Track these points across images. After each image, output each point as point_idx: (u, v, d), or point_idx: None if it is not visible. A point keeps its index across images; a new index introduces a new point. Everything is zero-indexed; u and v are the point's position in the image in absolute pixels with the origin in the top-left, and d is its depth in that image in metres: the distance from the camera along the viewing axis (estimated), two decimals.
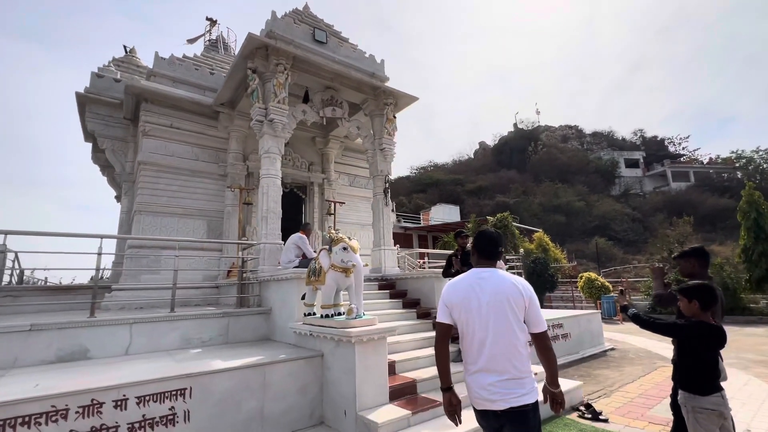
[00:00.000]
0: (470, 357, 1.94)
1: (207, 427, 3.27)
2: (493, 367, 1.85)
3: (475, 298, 1.92)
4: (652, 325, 2.46)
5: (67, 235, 4.39)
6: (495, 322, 1.87)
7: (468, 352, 1.96)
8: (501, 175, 45.32)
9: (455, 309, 1.97)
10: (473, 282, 1.97)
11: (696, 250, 2.93)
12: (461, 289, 1.99)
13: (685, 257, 2.93)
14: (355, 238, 10.25)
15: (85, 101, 8.66)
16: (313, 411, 3.89)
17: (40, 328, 3.95)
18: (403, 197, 45.85)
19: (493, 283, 1.93)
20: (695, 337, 2.28)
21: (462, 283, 2.02)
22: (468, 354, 1.96)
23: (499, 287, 1.91)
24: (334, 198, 9.98)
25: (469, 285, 1.97)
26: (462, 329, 1.97)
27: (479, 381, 1.87)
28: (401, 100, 8.46)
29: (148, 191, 7.69)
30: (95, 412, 2.85)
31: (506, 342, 1.85)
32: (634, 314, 2.57)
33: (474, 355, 1.91)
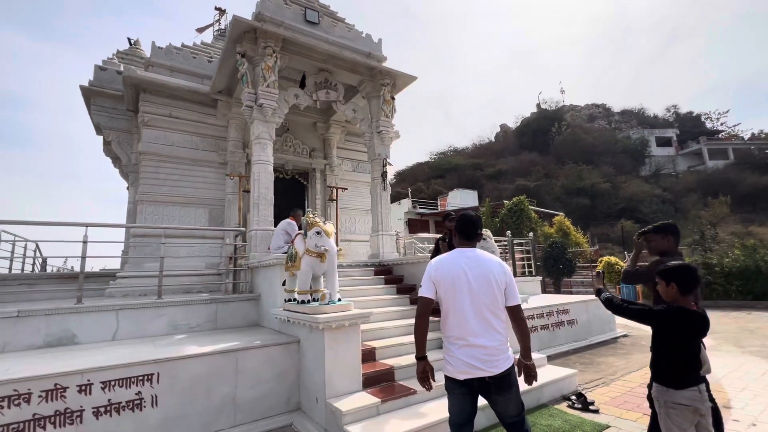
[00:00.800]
0: (456, 330, 2.08)
1: (176, 413, 3.28)
2: (482, 337, 2.02)
3: (463, 274, 2.08)
4: (624, 310, 2.21)
5: (49, 224, 4.48)
6: (483, 296, 2.05)
7: (454, 326, 2.09)
8: (522, 158, 43.88)
9: (442, 284, 2.11)
10: (460, 260, 2.14)
11: (670, 226, 2.70)
12: (449, 265, 2.14)
13: (662, 233, 2.68)
14: (356, 223, 10.19)
15: (90, 94, 8.83)
16: (290, 397, 3.85)
17: (27, 315, 4.06)
18: (421, 183, 45.34)
19: (478, 261, 2.14)
20: (673, 324, 2.02)
21: (449, 260, 2.17)
22: (454, 328, 2.09)
23: (484, 265, 2.12)
24: (336, 184, 9.87)
25: (456, 262, 2.14)
26: (447, 304, 2.11)
27: (468, 352, 2.03)
28: (399, 80, 8.16)
29: (150, 181, 7.81)
30: (59, 396, 2.88)
31: (492, 314, 2.06)
32: (606, 298, 2.33)
33: (461, 328, 2.06)
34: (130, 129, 9.13)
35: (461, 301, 2.06)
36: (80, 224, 4.55)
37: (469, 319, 2.04)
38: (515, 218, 17.98)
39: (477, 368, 2.01)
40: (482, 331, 2.03)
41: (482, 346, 2.01)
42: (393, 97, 8.25)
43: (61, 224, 4.55)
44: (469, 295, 2.06)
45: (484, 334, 2.03)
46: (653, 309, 2.09)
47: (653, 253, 2.72)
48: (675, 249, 2.63)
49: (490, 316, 2.06)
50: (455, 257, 2.17)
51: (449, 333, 2.12)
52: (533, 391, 3.90)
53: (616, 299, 2.28)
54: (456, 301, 2.07)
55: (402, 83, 8.31)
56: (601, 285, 2.48)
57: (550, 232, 19.02)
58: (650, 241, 2.72)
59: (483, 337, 2.03)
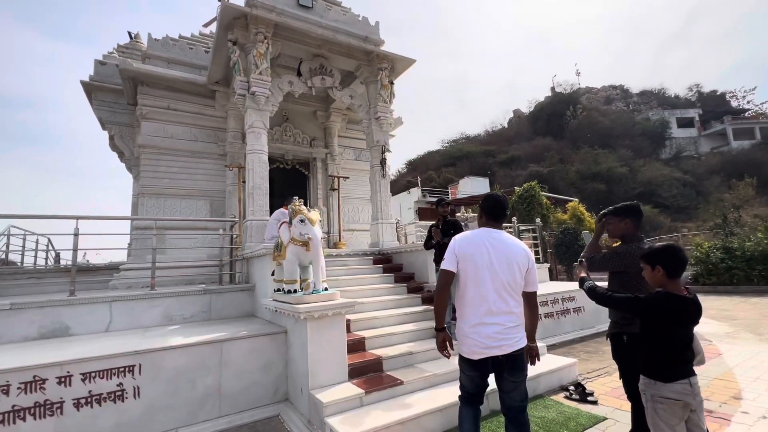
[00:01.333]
0: (473, 308, 2.10)
1: (159, 404, 3.25)
2: (498, 315, 2.05)
3: (486, 253, 2.10)
4: (608, 300, 2.04)
5: (37, 217, 4.51)
6: (503, 275, 2.07)
7: (471, 303, 2.11)
8: (535, 144, 42.80)
9: (465, 260, 2.12)
10: (486, 239, 2.15)
11: (630, 207, 2.46)
12: (474, 243, 2.15)
13: (618, 215, 2.44)
14: (360, 212, 10.06)
15: (91, 89, 8.88)
16: (278, 388, 3.79)
17: (20, 307, 4.10)
18: (432, 172, 44.84)
19: (504, 243, 2.16)
20: (661, 312, 1.83)
21: (475, 237, 2.18)
22: (470, 305, 2.11)
23: (509, 248, 2.15)
24: (338, 173, 9.75)
25: (482, 241, 2.14)
26: (467, 278, 2.11)
27: (484, 331, 2.05)
28: (398, 63, 7.91)
29: (150, 174, 7.83)
30: (38, 388, 2.88)
31: (509, 294, 2.09)
32: (589, 287, 2.15)
33: (478, 306, 2.08)
34: (132, 123, 9.16)
35: (481, 277, 2.07)
36: (71, 217, 4.56)
37: (488, 296, 2.06)
38: (526, 205, 17.56)
39: (491, 347, 2.03)
40: (499, 308, 2.06)
41: (498, 324, 2.04)
42: (392, 81, 8.03)
43: (50, 217, 4.59)
44: (489, 271, 2.07)
45: (501, 312, 2.06)
46: (639, 297, 1.90)
47: (612, 237, 2.53)
48: (634, 233, 2.40)
49: (507, 296, 2.08)
50: (481, 235, 2.19)
51: (465, 310, 2.14)
52: (530, 381, 3.70)
53: (599, 289, 2.10)
54: (476, 277, 2.08)
55: (401, 67, 8.06)
56: (584, 273, 2.29)
57: (563, 219, 18.54)
58: (608, 224, 2.49)
59: (499, 315, 2.05)
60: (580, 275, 2.30)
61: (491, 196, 2.31)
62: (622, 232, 2.43)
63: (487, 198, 2.32)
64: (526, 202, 17.63)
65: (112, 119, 9.07)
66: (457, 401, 2.32)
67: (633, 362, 2.08)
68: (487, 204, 2.29)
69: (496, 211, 2.26)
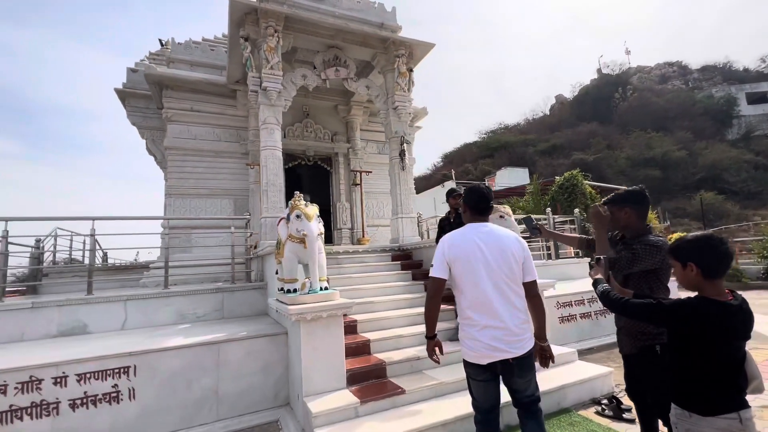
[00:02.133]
0: (476, 309, 1.96)
1: (154, 406, 3.19)
2: (504, 315, 1.91)
3: (479, 251, 1.97)
4: (623, 307, 1.61)
5: (60, 218, 4.65)
6: (501, 270, 1.94)
7: (473, 304, 1.97)
8: (579, 130, 40.15)
9: (457, 263, 1.99)
10: (474, 236, 2.02)
11: (631, 193, 2.14)
12: (462, 242, 2.02)
13: (617, 203, 2.12)
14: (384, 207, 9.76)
15: (125, 96, 9.29)
16: (278, 392, 3.63)
17: (41, 306, 4.26)
18: (468, 164, 43.58)
19: (495, 236, 2.02)
20: (696, 324, 1.39)
21: (462, 237, 2.05)
22: (472, 306, 1.97)
23: (501, 239, 2.01)
24: (360, 168, 9.53)
25: (470, 239, 2.01)
26: (463, 282, 1.99)
27: (491, 333, 1.90)
28: (416, 49, 7.51)
29: (176, 174, 8.06)
30: (34, 388, 2.90)
31: (511, 289, 1.95)
32: (602, 292, 1.72)
33: (481, 306, 1.94)
34: (161, 126, 9.48)
35: (478, 276, 1.94)
36: (87, 218, 4.70)
37: (489, 294, 1.92)
38: (567, 195, 16.39)
39: (500, 350, 1.90)
40: (503, 307, 1.93)
41: (504, 326, 1.90)
42: (410, 69, 7.65)
43: (74, 219, 4.73)
44: (485, 269, 1.94)
45: (505, 311, 1.92)
46: (662, 303, 1.47)
47: (613, 230, 2.21)
48: (637, 224, 2.09)
49: (510, 292, 1.95)
50: (468, 232, 2.06)
51: (467, 313, 1.99)
52: (553, 393, 3.29)
53: (613, 293, 1.67)
54: (473, 277, 1.95)
55: (420, 53, 7.65)
56: (599, 274, 1.85)
57: None
58: (611, 214, 2.14)
59: (504, 314, 1.92)
60: (594, 276, 1.86)
61: (474, 189, 2.20)
62: (622, 222, 2.12)
63: (471, 191, 2.21)
64: (567, 191, 16.46)
65: (144, 124, 9.44)
66: (464, 414, 2.23)
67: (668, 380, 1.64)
68: (472, 198, 2.16)
69: (481, 204, 2.14)
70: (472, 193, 2.18)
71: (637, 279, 2.05)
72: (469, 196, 2.19)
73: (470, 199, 2.16)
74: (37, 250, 6.93)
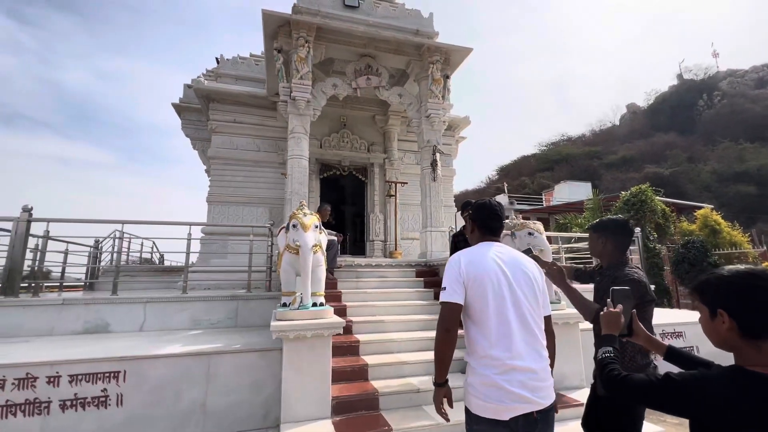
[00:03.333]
0: (498, 348, 1.52)
1: (141, 414, 3.13)
2: (528, 357, 1.52)
3: (501, 272, 1.60)
4: (621, 384, 1.14)
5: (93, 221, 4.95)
6: (526, 301, 1.58)
7: (493, 341, 1.53)
8: (654, 141, 36.42)
9: (475, 284, 1.58)
10: (490, 253, 1.67)
11: (615, 222, 2.10)
12: (483, 260, 1.64)
13: (597, 231, 2.11)
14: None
15: (181, 110, 10.03)
16: (268, 412, 3.41)
17: (70, 303, 4.52)
18: (525, 177, 41.46)
19: (512, 256, 1.70)
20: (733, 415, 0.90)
21: (481, 253, 1.68)
22: (493, 344, 1.53)
23: (522, 263, 1.68)
24: (397, 178, 9.28)
25: (490, 257, 1.65)
26: (482, 311, 1.56)
27: (516, 377, 1.48)
28: (453, 55, 7.17)
29: (218, 183, 8.44)
30: (29, 385, 2.96)
31: (536, 325, 1.59)
32: (602, 360, 1.26)
33: (503, 344, 1.52)
34: (210, 138, 10.07)
35: (502, 305, 1.55)
36: (113, 221, 4.95)
37: (514, 331, 1.53)
38: (634, 212, 14.66)
39: (526, 400, 1.47)
40: (528, 345, 1.54)
41: (530, 369, 1.51)
42: (447, 75, 7.30)
43: (98, 222, 5.04)
44: (510, 297, 1.57)
45: (531, 351, 1.54)
46: (673, 378, 0.98)
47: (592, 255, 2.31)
48: (613, 254, 2.05)
49: (534, 326, 1.58)
50: (484, 251, 1.69)
51: (485, 351, 1.54)
52: None
53: (612, 367, 1.19)
54: (497, 303, 1.55)
55: (457, 58, 7.30)
56: (611, 330, 1.37)
57: (690, 229, 15.02)
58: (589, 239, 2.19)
59: (529, 356, 1.53)
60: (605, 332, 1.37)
61: (484, 204, 1.84)
62: (599, 250, 2.11)
63: (480, 207, 1.83)
64: (634, 208, 14.71)
65: (196, 135, 10.08)
66: None
67: None
68: (481, 214, 1.80)
69: (492, 222, 1.79)
70: (482, 210, 1.82)
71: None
72: (478, 212, 1.83)
73: (479, 217, 1.81)
74: (96, 250, 7.58)
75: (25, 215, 4.52)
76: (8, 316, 4.29)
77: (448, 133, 10.04)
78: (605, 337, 1.36)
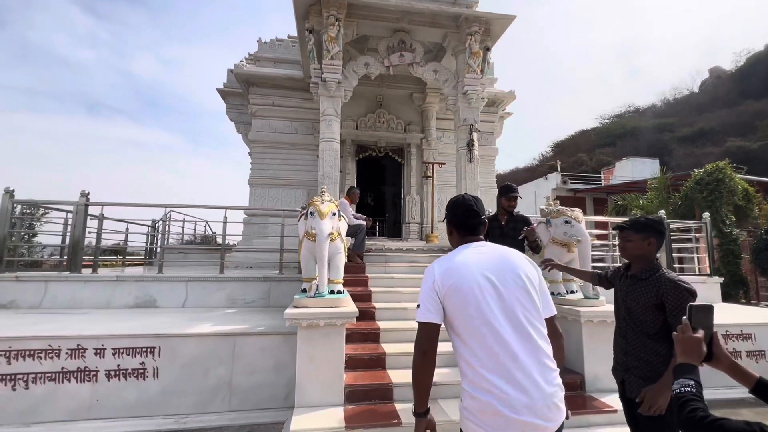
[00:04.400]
0: (493, 371, 1.30)
1: (175, 387, 3.39)
2: (534, 373, 1.29)
3: (484, 278, 1.38)
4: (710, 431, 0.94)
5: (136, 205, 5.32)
6: (519, 301, 1.37)
7: (486, 363, 1.31)
8: (741, 110, 31.82)
9: (453, 297, 1.37)
10: (472, 255, 1.46)
11: (658, 222, 1.91)
12: (460, 267, 1.42)
13: (641, 231, 1.89)
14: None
15: (225, 95, 10.38)
16: (290, 393, 3.51)
17: (123, 280, 4.96)
18: (582, 154, 38.52)
19: (498, 253, 1.48)
20: None
21: (459, 258, 1.46)
22: (486, 367, 1.31)
23: (511, 261, 1.45)
24: (434, 159, 8.97)
25: (470, 261, 1.43)
26: (468, 325, 1.36)
27: (520, 402, 1.25)
28: (494, 24, 6.61)
29: (258, 166, 8.72)
30: (80, 355, 3.31)
31: (534, 327, 1.36)
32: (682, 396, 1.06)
33: (499, 364, 1.30)
34: (251, 121, 10.37)
35: (490, 317, 1.32)
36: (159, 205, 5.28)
37: (507, 339, 1.30)
38: (708, 193, 12.99)
39: (532, 426, 1.25)
40: (530, 358, 1.30)
41: (535, 387, 1.27)
42: (488, 47, 6.78)
43: (142, 205, 5.41)
44: (499, 305, 1.34)
45: (534, 363, 1.30)
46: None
47: (627, 257, 2.00)
48: (653, 256, 1.92)
49: (533, 330, 1.34)
50: (462, 254, 1.48)
51: (480, 373, 1.32)
52: None
53: (695, 404, 0.98)
54: (482, 319, 1.33)
55: (498, 28, 6.72)
56: (690, 358, 1.15)
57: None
58: (626, 240, 1.96)
59: (533, 369, 1.29)
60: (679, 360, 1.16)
61: (457, 202, 1.62)
62: (642, 252, 1.90)
63: (454, 206, 1.62)
64: (708, 188, 13.02)
65: (240, 120, 10.42)
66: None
67: None
68: (456, 214, 1.60)
69: (470, 220, 1.57)
70: (456, 209, 1.61)
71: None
72: (452, 212, 1.63)
73: (454, 216, 1.61)
74: (153, 229, 8.26)
75: (83, 200, 4.97)
76: (73, 290, 4.82)
77: (491, 109, 9.47)
78: (683, 367, 1.12)
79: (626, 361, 1.93)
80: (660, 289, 1.79)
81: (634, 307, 1.89)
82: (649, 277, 1.86)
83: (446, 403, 2.98)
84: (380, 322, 3.97)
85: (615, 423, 2.89)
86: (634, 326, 1.88)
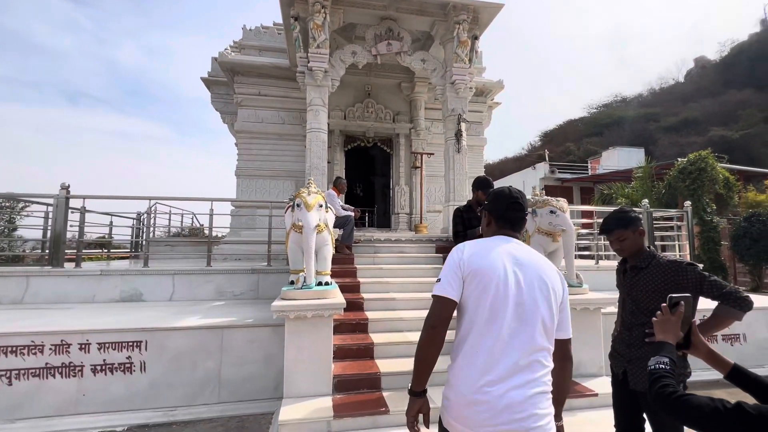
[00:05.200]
0: (486, 359, 1.27)
1: (162, 380, 3.38)
2: (530, 373, 1.25)
3: (511, 272, 1.32)
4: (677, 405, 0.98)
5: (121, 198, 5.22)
6: (537, 312, 1.30)
7: (484, 351, 1.27)
8: (725, 99, 32.38)
9: (476, 279, 1.32)
10: (503, 248, 1.38)
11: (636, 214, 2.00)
12: (491, 254, 1.36)
13: (629, 226, 1.93)
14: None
15: (210, 84, 10.15)
16: (279, 384, 3.51)
17: (108, 273, 4.89)
18: (570, 144, 38.89)
19: (530, 256, 1.39)
20: None
21: (491, 246, 1.40)
22: (482, 354, 1.27)
23: (541, 266, 1.37)
24: (423, 149, 8.97)
25: (502, 252, 1.37)
26: (476, 316, 1.30)
27: (510, 397, 1.21)
28: (482, 12, 6.57)
29: (245, 157, 8.59)
30: (64, 351, 3.27)
31: (545, 340, 1.31)
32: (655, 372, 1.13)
33: (495, 356, 1.26)
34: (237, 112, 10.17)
35: (501, 310, 1.28)
36: (142, 198, 5.18)
37: (509, 345, 1.26)
38: (690, 182, 13.28)
39: (517, 423, 1.21)
40: (530, 368, 1.26)
41: (527, 386, 1.24)
42: (476, 36, 6.74)
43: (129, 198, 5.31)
44: (514, 306, 1.28)
45: (532, 367, 1.26)
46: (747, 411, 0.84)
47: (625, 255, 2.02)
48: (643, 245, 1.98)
49: (542, 345, 1.29)
50: (496, 244, 1.41)
51: (472, 359, 1.29)
52: None
53: (666, 380, 1.04)
54: (492, 309, 1.28)
55: (487, 17, 6.68)
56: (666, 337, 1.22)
57: (758, 200, 13.46)
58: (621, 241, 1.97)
59: (529, 371, 1.26)
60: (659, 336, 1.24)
61: (503, 193, 1.51)
62: (638, 245, 1.94)
63: (498, 196, 1.51)
64: (691, 177, 13.30)
65: (225, 109, 10.20)
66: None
67: None
68: (498, 205, 1.49)
69: (512, 213, 1.47)
70: (500, 200, 1.51)
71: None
72: (495, 203, 1.52)
73: (497, 208, 1.50)
74: (138, 222, 8.12)
75: (63, 192, 4.85)
76: (56, 285, 4.73)
77: (480, 99, 9.47)
78: (660, 345, 1.19)
79: (630, 353, 1.94)
80: (667, 276, 1.82)
81: (641, 297, 1.89)
82: (648, 265, 1.89)
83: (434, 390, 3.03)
84: (369, 312, 4.00)
85: (596, 406, 2.99)
86: (644, 318, 1.86)
